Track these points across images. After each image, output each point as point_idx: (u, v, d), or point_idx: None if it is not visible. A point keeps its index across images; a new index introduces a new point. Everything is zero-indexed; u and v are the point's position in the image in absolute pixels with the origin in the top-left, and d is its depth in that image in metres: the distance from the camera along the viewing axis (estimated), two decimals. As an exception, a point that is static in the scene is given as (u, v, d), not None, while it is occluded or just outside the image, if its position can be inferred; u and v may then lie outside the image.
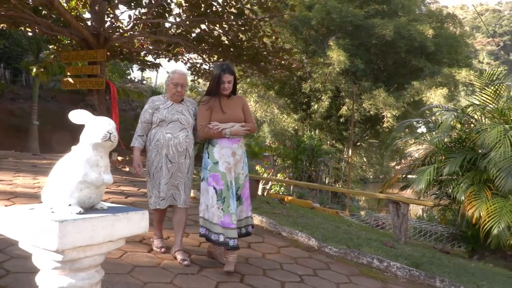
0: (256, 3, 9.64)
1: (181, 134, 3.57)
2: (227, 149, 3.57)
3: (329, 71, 18.04)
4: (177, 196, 3.61)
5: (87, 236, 1.20)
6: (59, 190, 1.28)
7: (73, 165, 1.30)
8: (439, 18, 21.12)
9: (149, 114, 3.61)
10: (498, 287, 4.05)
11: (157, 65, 14.15)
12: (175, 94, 3.60)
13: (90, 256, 1.26)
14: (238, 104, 3.74)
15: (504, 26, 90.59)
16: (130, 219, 1.34)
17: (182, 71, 3.70)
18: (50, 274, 1.25)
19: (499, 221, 4.86)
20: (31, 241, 1.20)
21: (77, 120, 1.42)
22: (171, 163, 3.53)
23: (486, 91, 6.15)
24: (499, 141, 4.84)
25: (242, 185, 3.68)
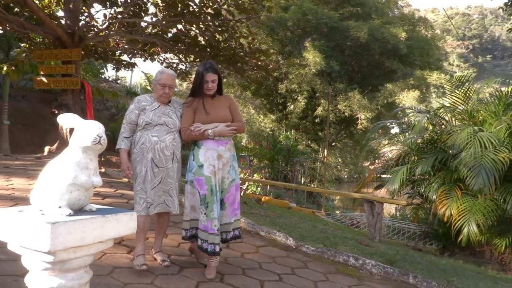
0: (233, 4, 9.68)
1: (168, 138, 3.40)
2: (213, 151, 3.39)
3: (305, 72, 18.24)
4: (171, 203, 3.46)
5: (78, 237, 1.23)
6: (49, 192, 1.30)
7: (63, 168, 1.32)
8: (412, 21, 21.66)
9: (135, 115, 3.41)
10: (468, 282, 4.21)
11: (132, 65, 14.01)
12: (163, 96, 3.43)
13: (80, 256, 1.28)
14: (224, 104, 3.56)
15: (473, 30, 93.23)
16: (119, 220, 1.38)
17: (170, 71, 3.54)
18: (40, 275, 1.27)
19: (469, 219, 5.05)
20: (22, 242, 1.22)
21: (66, 124, 1.44)
22: (158, 168, 3.37)
23: (456, 94, 6.36)
24: (469, 142, 5.03)
25: (226, 190, 3.47)
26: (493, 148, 4.99)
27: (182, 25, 10.74)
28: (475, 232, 5.00)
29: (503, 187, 5.18)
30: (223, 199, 3.46)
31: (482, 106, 5.94)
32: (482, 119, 5.80)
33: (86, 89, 10.45)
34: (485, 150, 4.95)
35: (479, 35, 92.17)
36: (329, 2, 20.85)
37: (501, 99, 5.69)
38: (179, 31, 11.12)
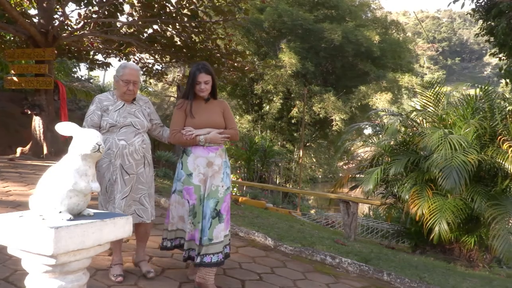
0: (211, 6, 9.72)
1: (137, 140, 3.12)
2: (202, 159, 3.18)
3: (281, 73, 18.41)
4: (143, 212, 3.20)
5: (78, 241, 1.28)
6: (50, 198, 1.35)
7: (63, 174, 1.37)
8: (384, 24, 22.13)
9: (97, 116, 3.07)
10: (438, 278, 4.40)
11: (107, 64, 13.85)
12: (126, 93, 3.12)
13: (79, 259, 1.34)
14: (218, 109, 3.32)
15: (442, 33, 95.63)
16: (116, 224, 1.44)
17: (134, 66, 3.23)
18: (40, 277, 1.32)
19: (440, 218, 5.26)
20: (24, 246, 1.26)
21: (65, 132, 1.49)
22: (128, 175, 3.07)
23: (427, 98, 6.60)
24: (440, 144, 5.24)
25: (222, 199, 3.21)
26: (463, 150, 5.21)
27: (158, 25, 10.71)
28: (445, 230, 5.20)
29: (471, 187, 5.41)
30: (220, 210, 3.19)
31: (452, 110, 6.19)
32: (451, 122, 6.04)
33: (60, 89, 10.30)
34: (455, 152, 5.16)
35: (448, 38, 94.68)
36: (304, 4, 21.08)
37: (469, 103, 5.94)
38: (155, 31, 11.07)
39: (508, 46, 11.33)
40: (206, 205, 3.13)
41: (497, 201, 5.32)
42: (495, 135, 5.61)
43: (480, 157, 5.28)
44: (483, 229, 5.58)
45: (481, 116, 5.76)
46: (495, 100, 6.04)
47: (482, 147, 5.59)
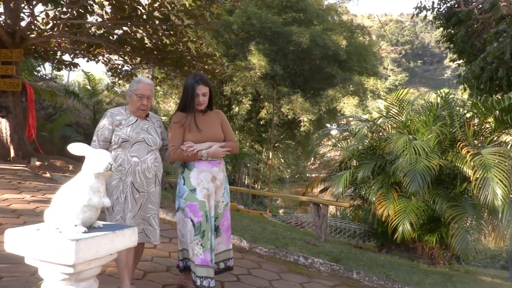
0: (183, 10, 9.80)
1: (149, 158, 2.98)
2: (207, 173, 3.05)
3: (250, 75, 18.61)
4: (151, 233, 3.03)
5: (94, 251, 1.43)
6: (66, 213, 1.48)
7: (78, 191, 1.51)
8: (350, 28, 22.70)
9: (108, 131, 2.95)
10: (403, 276, 4.70)
11: (74, 65, 13.64)
12: (140, 108, 3.02)
13: (92, 267, 1.48)
14: (216, 120, 3.22)
15: (405, 36, 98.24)
16: (124, 234, 1.59)
17: (148, 80, 3.12)
18: (57, 285, 1.46)
19: (404, 219, 5.58)
20: (44, 257, 1.40)
21: (77, 152, 1.62)
22: (139, 193, 2.94)
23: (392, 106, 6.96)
24: (405, 149, 5.56)
25: (221, 214, 3.16)
26: (425, 155, 5.55)
27: (128, 27, 10.68)
28: (409, 230, 5.53)
29: (433, 189, 5.76)
30: (218, 225, 3.14)
31: (415, 117, 6.55)
32: (415, 129, 6.40)
33: (28, 91, 10.14)
34: (419, 157, 5.49)
35: (411, 41, 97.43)
36: (273, 7, 21.35)
37: (431, 111, 6.31)
38: (125, 33, 11.04)
39: (466, 53, 11.91)
40: (212, 222, 3.03)
41: (456, 203, 5.69)
42: (454, 141, 5.99)
43: (441, 162, 5.63)
44: (443, 228, 5.93)
45: (442, 123, 6.13)
46: (455, 107, 6.45)
47: (443, 152, 5.95)
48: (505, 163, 5.07)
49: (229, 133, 3.26)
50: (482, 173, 5.08)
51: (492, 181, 4.98)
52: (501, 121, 5.86)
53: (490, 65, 9.38)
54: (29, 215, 5.19)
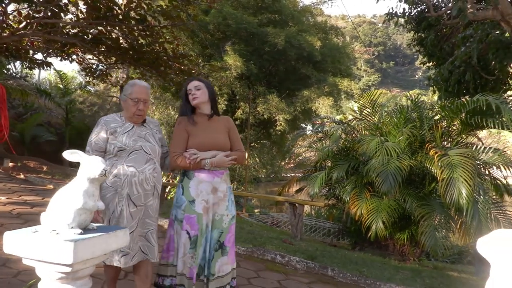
0: (159, 11, 9.80)
1: (148, 168, 2.75)
2: (207, 184, 2.83)
3: (226, 75, 18.69)
4: (149, 249, 2.79)
5: (90, 251, 1.53)
6: (62, 215, 1.58)
7: (74, 195, 1.61)
8: (325, 29, 23.02)
9: (103, 140, 2.73)
10: (375, 271, 4.92)
11: (47, 64, 13.42)
12: (136, 114, 2.79)
13: (88, 267, 1.59)
14: (222, 127, 2.99)
15: (378, 37, 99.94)
16: (117, 235, 1.70)
17: (143, 83, 2.91)
18: (54, 283, 1.56)
19: (376, 217, 5.81)
20: (43, 257, 1.49)
21: (72, 158, 1.71)
22: (136, 207, 2.71)
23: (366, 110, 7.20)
24: (377, 150, 5.80)
25: (227, 229, 2.88)
26: (397, 156, 5.80)
27: (103, 26, 10.59)
28: (381, 228, 5.76)
29: (404, 189, 6.02)
30: (224, 241, 2.86)
31: (387, 119, 6.80)
32: (387, 131, 6.65)
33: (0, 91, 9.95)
34: (391, 158, 5.73)
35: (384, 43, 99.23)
36: (248, 8, 21.46)
37: (402, 113, 6.58)
38: (100, 32, 10.95)
39: (436, 56, 12.31)
40: (210, 236, 2.81)
41: (425, 201, 5.97)
42: (423, 143, 6.27)
43: (411, 163, 5.89)
44: (413, 226, 6.20)
45: (412, 125, 6.40)
46: (424, 110, 6.73)
47: (413, 153, 6.22)
48: (469, 163, 5.35)
49: (236, 141, 3.02)
50: (449, 173, 5.35)
51: (457, 180, 5.25)
52: (467, 124, 6.17)
53: (458, 69, 9.76)
54: (5, 217, 5.18)
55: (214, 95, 3.03)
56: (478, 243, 1.24)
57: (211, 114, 3.00)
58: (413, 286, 4.51)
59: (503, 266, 1.17)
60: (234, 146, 2.98)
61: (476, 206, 5.45)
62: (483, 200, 5.68)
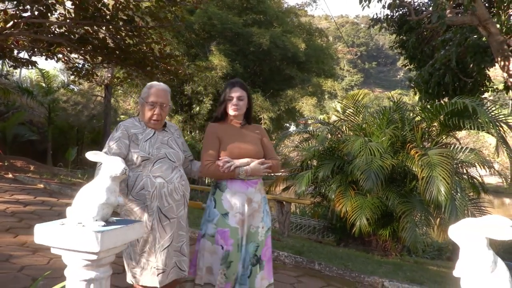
0: (147, 12, 9.91)
1: (175, 176, 2.57)
2: (241, 195, 2.66)
3: (211, 75, 18.84)
4: (185, 263, 2.62)
5: (113, 241, 1.73)
6: (88, 209, 1.77)
7: (98, 191, 1.80)
8: (309, 30, 23.35)
9: (124, 146, 2.52)
10: (359, 265, 5.18)
11: (32, 63, 13.38)
12: (153, 118, 2.62)
13: (110, 255, 1.79)
14: (255, 135, 2.86)
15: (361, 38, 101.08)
16: (135, 227, 1.90)
17: (162, 85, 2.71)
18: (79, 270, 1.75)
19: (360, 214, 6.07)
20: (71, 246, 1.68)
21: (94, 159, 1.90)
22: (168, 219, 2.52)
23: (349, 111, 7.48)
24: (361, 150, 6.07)
25: (263, 242, 2.72)
26: (380, 155, 6.06)
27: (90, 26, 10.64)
28: (365, 225, 6.02)
29: (386, 187, 6.30)
30: (260, 255, 2.69)
31: (371, 120, 7.09)
32: (370, 131, 6.93)
33: (-14, 90, 9.94)
34: (374, 157, 5.99)
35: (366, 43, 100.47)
36: (233, 8, 21.65)
37: (385, 115, 6.87)
38: (87, 32, 10.99)
39: (417, 58, 12.69)
40: (245, 251, 2.66)
41: (406, 199, 6.27)
42: (405, 143, 6.56)
43: (393, 162, 6.17)
44: (395, 223, 6.48)
45: (394, 126, 6.69)
46: (406, 112, 7.03)
47: (395, 153, 6.51)
48: (448, 162, 5.65)
49: (270, 149, 2.91)
50: (428, 172, 5.64)
51: (436, 179, 5.54)
52: (445, 125, 6.48)
53: (437, 71, 10.13)
54: (0, 215, 5.28)
55: (251, 103, 2.90)
56: (449, 230, 1.47)
57: (243, 123, 2.88)
58: (395, 278, 4.77)
59: (469, 249, 1.41)
60: (267, 154, 2.85)
61: (453, 203, 5.75)
62: (460, 197, 6.00)
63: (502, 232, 1.35)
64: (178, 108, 22.06)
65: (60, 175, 9.87)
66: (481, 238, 1.39)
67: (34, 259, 3.82)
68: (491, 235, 1.37)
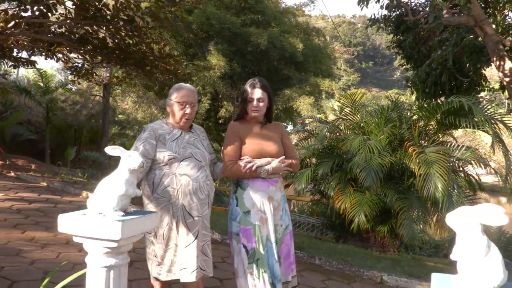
0: (148, 12, 10.00)
1: (201, 176, 2.63)
2: (262, 193, 2.73)
3: (209, 75, 18.92)
4: (206, 263, 2.66)
5: (132, 230, 1.85)
6: (108, 200, 1.88)
7: (117, 183, 1.91)
8: (306, 30, 23.45)
9: (151, 146, 2.60)
10: (358, 260, 5.31)
11: (32, 63, 13.44)
12: (183, 118, 2.70)
13: (128, 243, 1.91)
14: (275, 133, 2.90)
15: (358, 38, 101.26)
16: (151, 218, 2.02)
17: (190, 86, 2.83)
18: (99, 257, 1.86)
19: (359, 211, 6.20)
20: (94, 234, 1.79)
21: (113, 153, 2.00)
22: (192, 217, 2.58)
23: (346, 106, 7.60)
24: (360, 148, 6.20)
25: (280, 240, 2.79)
26: (378, 153, 6.19)
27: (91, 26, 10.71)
28: (363, 221, 6.15)
29: (385, 184, 6.43)
30: (277, 252, 2.75)
31: (369, 119, 7.21)
32: (369, 130, 7.06)
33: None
34: (373, 155, 6.13)
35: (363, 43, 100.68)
36: (231, 8, 21.71)
37: (383, 114, 6.99)
38: (87, 31, 11.06)
39: (414, 58, 12.82)
40: (269, 247, 2.68)
41: (404, 196, 6.40)
42: (403, 141, 6.69)
43: (391, 159, 6.30)
44: (393, 219, 6.60)
45: (392, 124, 6.82)
46: (403, 111, 7.17)
47: (393, 150, 6.64)
48: (444, 160, 5.79)
49: (290, 148, 2.95)
50: (426, 169, 5.77)
51: (434, 176, 5.68)
52: (442, 123, 6.61)
53: (434, 71, 10.26)
54: (6, 212, 5.38)
55: (272, 102, 2.93)
56: (447, 217, 1.59)
57: (264, 121, 2.92)
58: (393, 273, 4.91)
59: (465, 234, 1.53)
60: (287, 153, 2.89)
61: (450, 199, 5.89)
62: (457, 194, 6.13)
63: (495, 219, 1.47)
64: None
65: (61, 173, 9.96)
66: (476, 224, 1.50)
67: (43, 253, 3.93)
68: (485, 222, 1.49)
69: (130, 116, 25.57)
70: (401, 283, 4.67)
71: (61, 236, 4.68)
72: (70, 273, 3.62)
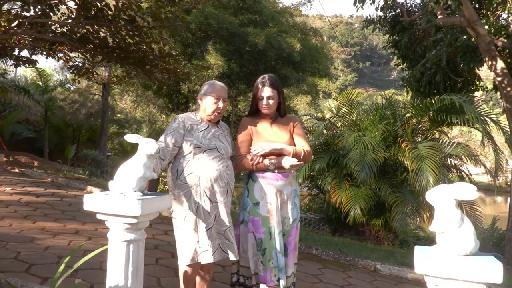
0: (149, 12, 10.19)
1: (222, 165, 2.79)
2: (270, 187, 2.84)
3: (208, 74, 19.12)
4: (229, 247, 2.77)
5: (150, 208, 2.07)
6: (128, 182, 2.10)
7: (136, 167, 2.13)
8: (304, 30, 23.68)
9: (179, 135, 2.79)
10: (354, 251, 5.54)
11: (33, 62, 13.60)
12: (216, 112, 2.86)
13: (146, 220, 2.14)
14: (286, 129, 2.96)
15: (355, 38, 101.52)
16: (166, 199, 2.26)
17: (221, 83, 2.98)
18: (120, 233, 2.09)
19: (354, 205, 6.45)
20: (116, 211, 2.02)
21: (132, 140, 2.22)
22: (212, 203, 2.75)
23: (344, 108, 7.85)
24: (355, 144, 6.44)
25: (288, 232, 2.88)
26: (373, 149, 6.44)
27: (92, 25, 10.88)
28: (359, 214, 6.40)
29: (379, 179, 6.68)
30: (285, 243, 2.87)
31: (364, 116, 7.46)
32: (364, 127, 7.31)
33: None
34: (367, 151, 6.38)
35: (360, 43, 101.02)
36: (229, 8, 21.92)
37: (378, 111, 7.24)
38: (88, 31, 11.23)
39: (409, 58, 13.06)
40: (277, 239, 2.78)
41: (398, 190, 6.66)
42: (396, 137, 6.94)
43: (385, 155, 6.56)
44: (387, 213, 6.85)
45: (386, 121, 7.07)
46: (397, 108, 7.41)
47: (387, 146, 6.89)
48: (436, 155, 6.04)
49: (299, 139, 2.97)
50: (418, 164, 6.03)
51: (425, 170, 5.93)
52: (434, 120, 6.87)
53: (429, 70, 10.50)
54: (16, 205, 5.59)
55: (283, 97, 3.00)
56: (426, 194, 1.82)
57: (275, 116, 3.00)
58: (387, 262, 5.15)
59: (442, 209, 1.76)
60: (297, 144, 2.94)
61: (442, 193, 6.12)
62: (448, 188, 6.36)
63: (467, 194, 1.71)
64: (174, 106, 22.34)
65: (63, 170, 10.16)
66: (451, 199, 1.74)
67: (55, 241, 4.15)
68: (459, 197, 1.73)
69: (129, 115, 25.75)
70: (393, 271, 4.90)
71: (70, 226, 4.90)
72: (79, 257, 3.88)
